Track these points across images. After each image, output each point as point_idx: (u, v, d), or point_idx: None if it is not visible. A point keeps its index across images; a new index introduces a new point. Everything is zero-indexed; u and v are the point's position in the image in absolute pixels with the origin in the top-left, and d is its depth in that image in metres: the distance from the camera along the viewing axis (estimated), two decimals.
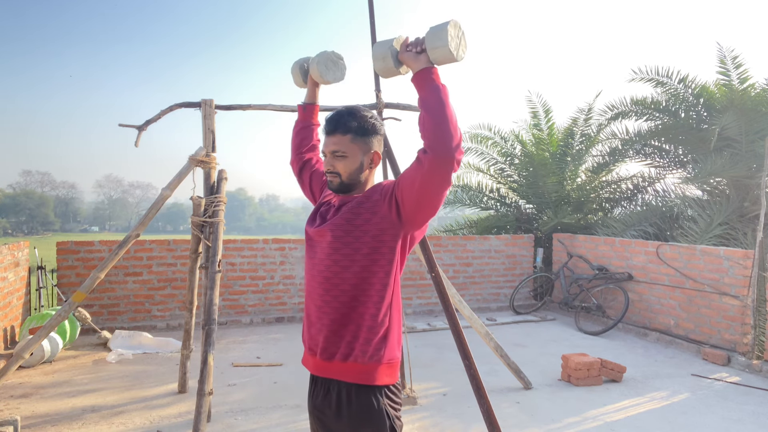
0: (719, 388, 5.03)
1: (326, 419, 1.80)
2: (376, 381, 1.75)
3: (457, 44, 1.66)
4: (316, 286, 1.83)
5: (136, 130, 4.49)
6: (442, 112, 1.60)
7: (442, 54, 1.64)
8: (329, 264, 1.78)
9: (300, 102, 2.31)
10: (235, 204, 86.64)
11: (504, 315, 8.14)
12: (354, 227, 1.76)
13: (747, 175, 7.82)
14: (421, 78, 1.67)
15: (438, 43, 1.63)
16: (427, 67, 1.67)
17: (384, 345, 1.77)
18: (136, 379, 5.05)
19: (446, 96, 1.63)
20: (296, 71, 2.30)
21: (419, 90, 1.67)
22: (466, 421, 4.20)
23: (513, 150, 10.74)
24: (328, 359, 1.78)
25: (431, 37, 1.65)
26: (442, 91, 1.63)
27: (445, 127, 1.59)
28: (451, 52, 1.64)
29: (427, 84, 1.65)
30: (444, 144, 1.58)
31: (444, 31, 1.62)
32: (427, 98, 1.63)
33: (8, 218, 68.50)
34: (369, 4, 4.31)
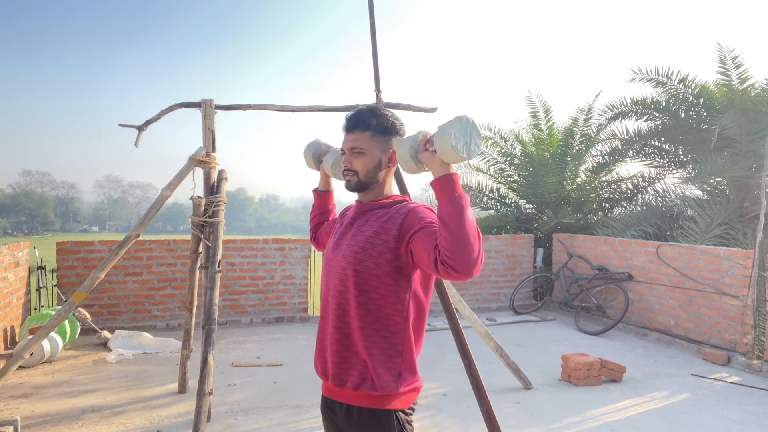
0: (719, 388, 5.03)
1: (337, 418, 1.79)
2: (390, 407, 1.71)
3: (467, 142, 1.57)
4: (330, 311, 1.79)
5: (136, 130, 4.49)
6: (460, 229, 1.49)
7: (451, 158, 1.57)
8: (342, 290, 1.74)
9: (314, 188, 2.34)
10: (235, 204, 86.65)
11: (504, 315, 8.14)
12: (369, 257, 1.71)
13: (747, 175, 7.82)
14: (438, 187, 1.57)
15: (444, 148, 1.56)
16: (443, 176, 1.57)
17: (399, 381, 1.71)
18: (136, 379, 5.05)
19: (464, 209, 1.52)
20: (309, 157, 2.32)
21: (437, 198, 1.59)
22: (466, 421, 4.20)
23: (513, 150, 10.75)
24: (339, 386, 1.74)
25: (438, 142, 1.57)
26: (460, 204, 1.52)
27: (464, 245, 1.48)
28: (459, 155, 1.55)
29: (444, 195, 1.54)
30: (463, 263, 1.49)
31: (447, 136, 1.54)
32: (445, 212, 1.52)
33: (8, 218, 68.51)
34: (369, 6, 4.32)
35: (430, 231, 1.62)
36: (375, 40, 4.27)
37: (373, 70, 4.28)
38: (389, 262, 1.69)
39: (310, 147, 2.32)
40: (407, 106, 4.53)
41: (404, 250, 1.68)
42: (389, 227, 1.71)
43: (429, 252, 1.57)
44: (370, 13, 4.30)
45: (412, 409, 1.81)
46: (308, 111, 4.60)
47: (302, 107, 4.59)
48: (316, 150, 2.30)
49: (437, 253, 1.54)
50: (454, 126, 1.56)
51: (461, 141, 1.56)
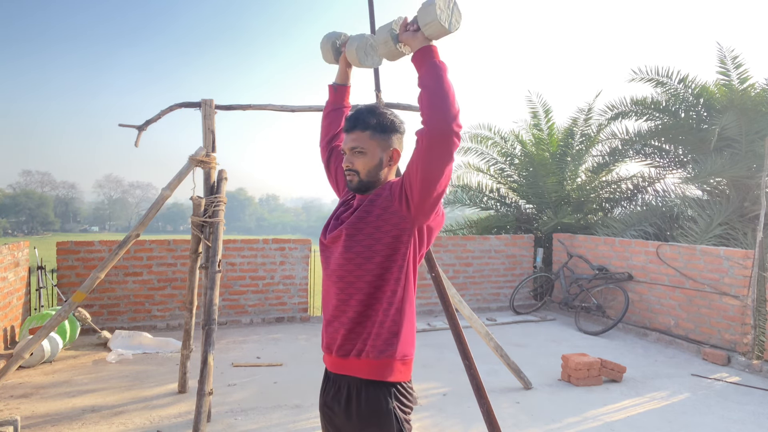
0: (719, 388, 5.03)
1: (336, 417, 1.80)
2: (388, 377, 1.74)
3: (449, 15, 1.65)
4: (331, 285, 1.83)
5: (136, 130, 4.49)
6: (439, 86, 1.60)
7: (434, 29, 1.65)
8: (343, 262, 1.78)
9: (330, 82, 2.23)
10: (235, 204, 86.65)
11: (504, 315, 8.14)
12: (366, 224, 1.76)
13: (747, 175, 7.82)
14: (419, 57, 1.67)
15: (428, 18, 1.64)
16: (424, 46, 1.67)
17: (396, 341, 1.76)
18: (136, 379, 5.05)
19: (444, 71, 1.63)
20: (327, 48, 2.19)
21: (417, 68, 1.68)
22: (466, 421, 4.20)
23: (513, 150, 10.74)
24: (343, 356, 1.78)
25: (422, 13, 1.66)
26: (440, 67, 1.63)
27: (443, 99, 1.58)
28: (443, 25, 1.63)
29: (425, 61, 1.65)
30: (441, 115, 1.58)
31: (432, 5, 1.62)
32: (424, 75, 1.64)
33: (8, 218, 68.48)
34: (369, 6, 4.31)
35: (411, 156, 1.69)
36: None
37: (373, 69, 4.27)
38: (387, 233, 1.74)
39: (329, 37, 2.19)
40: (407, 106, 4.53)
41: (398, 200, 1.73)
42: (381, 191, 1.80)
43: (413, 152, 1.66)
44: (370, 12, 4.30)
45: (411, 408, 1.82)
46: (308, 111, 4.60)
47: (302, 107, 4.59)
48: (336, 39, 2.18)
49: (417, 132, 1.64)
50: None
51: (444, 13, 1.64)
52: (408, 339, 1.81)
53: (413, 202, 1.70)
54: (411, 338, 1.83)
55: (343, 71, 2.19)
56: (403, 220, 1.74)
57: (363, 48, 2.06)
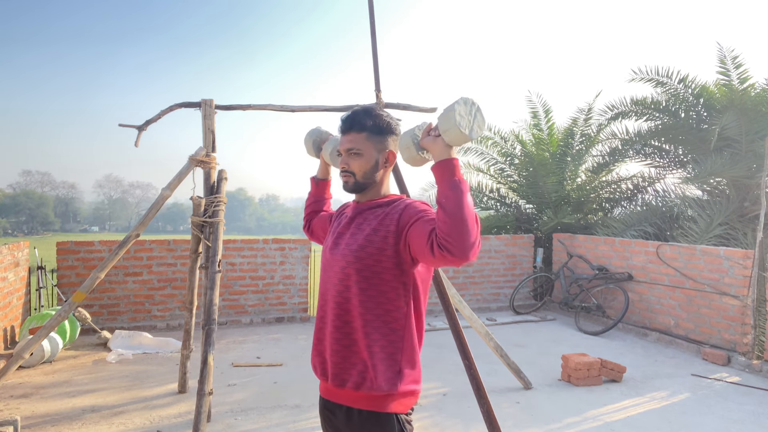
0: (719, 388, 5.03)
1: (336, 419, 1.79)
2: (390, 410, 1.70)
3: (470, 122, 1.59)
4: (329, 310, 1.78)
5: (136, 130, 4.49)
6: (458, 212, 1.50)
7: (454, 136, 1.58)
8: (341, 289, 1.74)
9: (313, 175, 2.33)
10: (235, 204, 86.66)
11: (504, 315, 8.14)
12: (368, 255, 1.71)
13: (747, 175, 7.82)
14: (439, 171, 1.59)
15: (447, 125, 1.58)
16: (444, 161, 1.58)
17: (399, 378, 1.70)
18: (136, 379, 5.05)
19: (464, 194, 1.53)
20: (309, 144, 2.33)
21: (437, 182, 1.60)
22: (466, 421, 4.20)
23: (513, 150, 10.75)
24: (339, 386, 1.73)
25: (442, 119, 1.60)
26: (460, 189, 1.53)
27: (461, 227, 1.49)
28: (462, 133, 1.57)
29: (444, 178, 1.56)
30: (459, 245, 1.49)
31: (452, 111, 1.57)
32: (444, 196, 1.54)
33: (8, 218, 68.50)
34: (369, 6, 4.31)
35: (426, 219, 1.64)
36: (375, 39, 4.27)
37: (373, 70, 4.28)
38: (389, 258, 1.69)
39: (311, 134, 2.31)
40: (407, 106, 4.53)
41: (403, 243, 1.69)
42: (387, 223, 1.72)
43: (425, 237, 1.58)
44: (370, 12, 4.30)
45: (412, 409, 1.80)
46: (308, 111, 4.60)
47: (302, 107, 4.59)
48: (317, 137, 2.30)
49: (434, 237, 1.55)
50: (459, 104, 1.59)
51: (465, 119, 1.58)
52: (413, 374, 1.75)
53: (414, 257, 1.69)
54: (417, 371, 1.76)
55: (323, 166, 2.30)
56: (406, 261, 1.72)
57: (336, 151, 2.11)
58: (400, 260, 1.70)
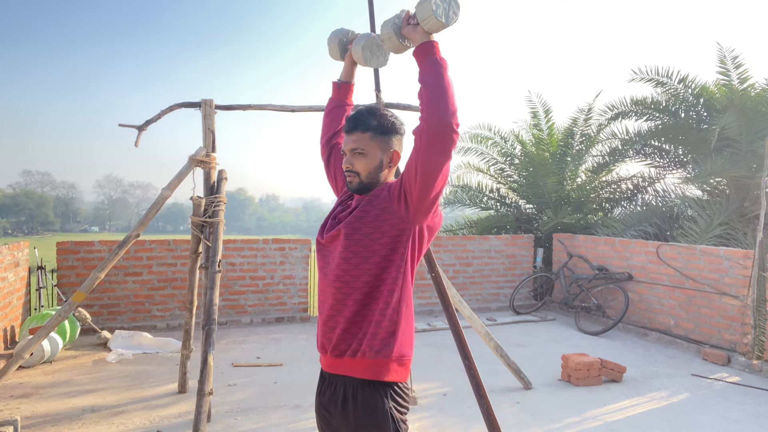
0: (719, 388, 5.03)
1: (332, 418, 1.80)
2: (384, 377, 1.74)
3: (446, 9, 1.66)
4: (328, 284, 1.82)
5: (136, 130, 4.49)
6: (438, 83, 1.61)
7: (431, 24, 1.67)
8: (340, 262, 1.78)
9: (335, 79, 2.24)
10: (235, 204, 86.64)
11: (504, 315, 8.14)
12: (364, 224, 1.76)
13: (747, 175, 7.82)
14: (420, 52, 1.69)
15: (425, 14, 1.66)
16: (425, 42, 1.68)
17: (393, 341, 1.75)
18: (136, 379, 5.05)
19: (444, 68, 1.64)
20: (334, 45, 2.20)
21: (418, 64, 1.69)
22: (466, 421, 4.20)
23: (513, 150, 10.74)
24: (338, 356, 1.77)
25: (419, 9, 1.68)
26: (440, 64, 1.64)
27: (442, 96, 1.59)
28: (439, 19, 1.65)
29: (425, 58, 1.67)
30: (440, 112, 1.58)
31: (427, 2, 1.64)
32: (424, 72, 1.65)
33: (8, 218, 68.51)
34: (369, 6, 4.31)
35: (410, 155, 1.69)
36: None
37: (373, 69, 4.27)
38: (385, 233, 1.74)
39: (336, 33, 2.20)
40: (407, 106, 4.52)
41: (397, 201, 1.73)
42: (380, 192, 1.80)
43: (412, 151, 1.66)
44: (370, 12, 4.30)
45: (407, 408, 1.82)
46: (308, 111, 4.60)
47: (302, 107, 4.59)
48: (343, 36, 2.19)
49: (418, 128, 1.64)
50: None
51: (440, 7, 1.65)
52: (405, 339, 1.80)
53: (412, 201, 1.69)
54: (409, 339, 1.82)
55: (348, 69, 2.20)
56: (402, 220, 1.74)
57: (369, 47, 2.07)
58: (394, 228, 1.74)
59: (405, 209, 1.72)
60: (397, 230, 1.75)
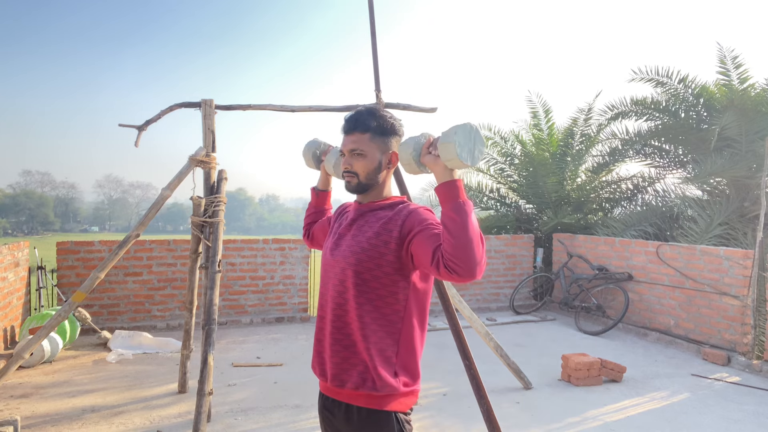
0: (719, 388, 5.03)
1: (335, 419, 1.79)
2: (389, 408, 1.71)
3: (470, 149, 1.57)
4: (329, 311, 1.78)
5: (136, 130, 4.49)
6: (464, 234, 1.50)
7: (454, 165, 1.57)
8: (341, 290, 1.74)
9: (313, 186, 2.33)
10: (235, 204, 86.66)
11: (504, 315, 8.14)
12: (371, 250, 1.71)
13: (747, 175, 7.82)
14: (442, 193, 1.58)
15: (448, 155, 1.56)
16: (448, 182, 1.57)
17: (398, 379, 1.71)
18: (136, 379, 5.05)
19: (469, 216, 1.53)
20: (308, 156, 2.30)
21: (441, 203, 1.59)
22: (466, 421, 4.20)
23: (513, 150, 10.75)
24: (338, 386, 1.74)
25: (442, 149, 1.58)
26: (464, 211, 1.52)
27: (467, 248, 1.49)
28: (463, 162, 1.55)
29: (449, 201, 1.55)
30: (465, 267, 1.50)
31: (450, 144, 1.55)
32: (448, 217, 1.53)
33: (8, 218, 68.51)
34: (369, 6, 4.32)
35: (431, 233, 1.62)
36: (375, 39, 4.27)
37: (373, 69, 4.28)
38: (390, 263, 1.69)
39: (310, 146, 2.31)
40: (407, 106, 4.53)
41: (405, 251, 1.68)
42: (390, 228, 1.71)
43: (430, 254, 1.57)
44: (370, 12, 4.30)
45: (411, 409, 1.81)
46: (308, 111, 4.60)
47: (302, 107, 4.59)
48: (316, 149, 2.29)
49: (440, 256, 1.54)
50: (458, 134, 1.55)
51: (465, 148, 1.55)
52: (413, 372, 1.76)
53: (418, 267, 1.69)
54: (417, 367, 1.77)
55: (323, 178, 2.29)
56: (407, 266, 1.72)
57: (339, 163, 2.12)
58: (400, 265, 1.70)
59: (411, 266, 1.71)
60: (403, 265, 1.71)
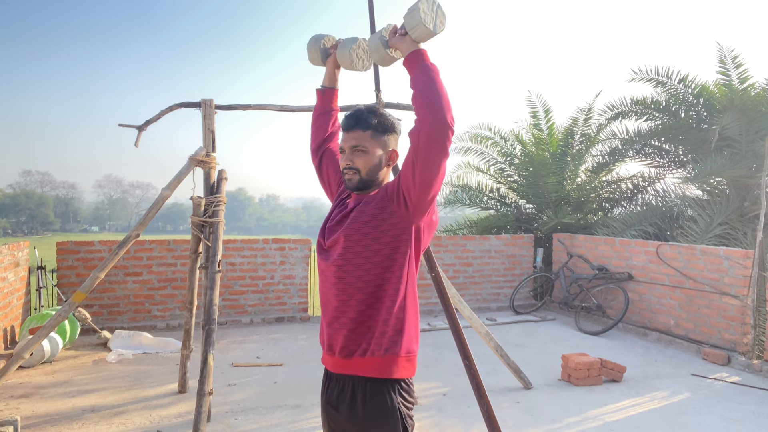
0: (719, 388, 5.03)
1: (339, 416, 1.81)
2: (393, 374, 1.76)
3: (433, 18, 1.72)
4: (330, 286, 1.83)
5: (136, 130, 4.49)
6: (431, 85, 1.65)
7: (420, 32, 1.72)
8: (342, 263, 1.79)
9: (318, 86, 2.22)
10: (235, 204, 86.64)
11: (504, 315, 8.14)
12: (363, 224, 1.77)
13: (747, 175, 7.82)
14: (410, 60, 1.74)
15: (413, 22, 1.72)
16: (415, 51, 1.74)
17: (400, 338, 1.78)
18: (136, 379, 5.05)
19: (436, 73, 1.68)
20: (315, 49, 2.18)
21: (409, 72, 1.74)
22: (466, 421, 4.20)
23: (513, 150, 10.75)
24: (347, 356, 1.78)
25: (407, 18, 1.74)
26: (431, 68, 1.69)
27: (436, 96, 1.64)
28: (427, 27, 1.70)
29: (416, 65, 1.72)
30: (436, 110, 1.62)
31: (416, 10, 1.70)
32: (416, 77, 1.70)
33: (8, 218, 68.47)
34: (369, 6, 4.31)
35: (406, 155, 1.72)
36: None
37: (373, 69, 4.27)
38: (386, 232, 1.76)
39: (317, 38, 2.19)
40: (407, 106, 4.52)
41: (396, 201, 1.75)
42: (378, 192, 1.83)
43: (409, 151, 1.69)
44: (370, 12, 4.30)
45: (413, 403, 1.84)
46: (308, 111, 4.59)
47: (302, 107, 4.59)
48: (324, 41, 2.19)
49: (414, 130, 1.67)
50: (422, 2, 1.70)
51: (429, 15, 1.71)
52: (412, 335, 1.82)
53: (411, 201, 1.72)
54: (415, 335, 1.84)
55: (331, 74, 2.19)
56: (402, 219, 1.76)
57: (356, 51, 2.09)
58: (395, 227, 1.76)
59: (405, 208, 1.74)
60: (397, 229, 1.76)
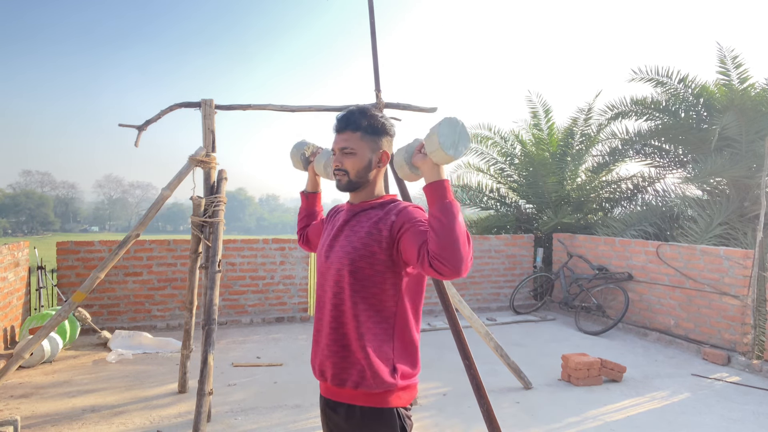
0: (719, 388, 5.03)
1: (337, 417, 1.80)
2: (390, 404, 1.73)
3: (454, 141, 1.61)
4: (326, 312, 1.80)
5: (136, 130, 4.49)
6: (450, 234, 1.52)
7: (438, 157, 1.61)
8: (337, 291, 1.76)
9: (302, 190, 2.36)
10: (235, 204, 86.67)
11: (504, 315, 8.14)
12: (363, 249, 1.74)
13: (747, 175, 7.82)
14: (430, 192, 1.61)
15: (432, 147, 1.61)
16: (435, 182, 1.60)
17: (396, 375, 1.73)
18: (136, 379, 5.05)
19: (455, 216, 1.54)
20: (296, 158, 2.33)
21: (428, 203, 1.62)
22: (466, 421, 4.20)
23: (513, 150, 10.75)
24: (338, 386, 1.75)
25: (427, 141, 1.64)
26: (451, 211, 1.54)
27: (453, 247, 1.51)
28: (447, 154, 1.59)
29: (436, 201, 1.58)
30: (450, 266, 1.51)
31: (435, 135, 1.60)
32: (435, 217, 1.55)
33: (8, 218, 68.49)
34: (369, 5, 4.32)
35: (418, 230, 1.65)
36: (375, 39, 4.27)
37: (373, 69, 4.28)
38: (382, 261, 1.72)
39: (298, 147, 2.33)
40: (407, 106, 4.53)
41: (395, 250, 1.71)
42: (381, 228, 1.74)
43: (417, 250, 1.60)
44: (370, 12, 4.30)
45: (411, 404, 1.83)
46: (308, 111, 4.60)
47: (302, 107, 4.59)
48: (304, 150, 2.32)
49: (425, 252, 1.57)
50: (442, 125, 1.60)
51: (449, 140, 1.60)
52: (411, 365, 1.78)
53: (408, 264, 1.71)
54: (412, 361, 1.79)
55: (312, 179, 2.32)
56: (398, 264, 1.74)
57: (330, 164, 2.15)
58: (392, 263, 1.72)
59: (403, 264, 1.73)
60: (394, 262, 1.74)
